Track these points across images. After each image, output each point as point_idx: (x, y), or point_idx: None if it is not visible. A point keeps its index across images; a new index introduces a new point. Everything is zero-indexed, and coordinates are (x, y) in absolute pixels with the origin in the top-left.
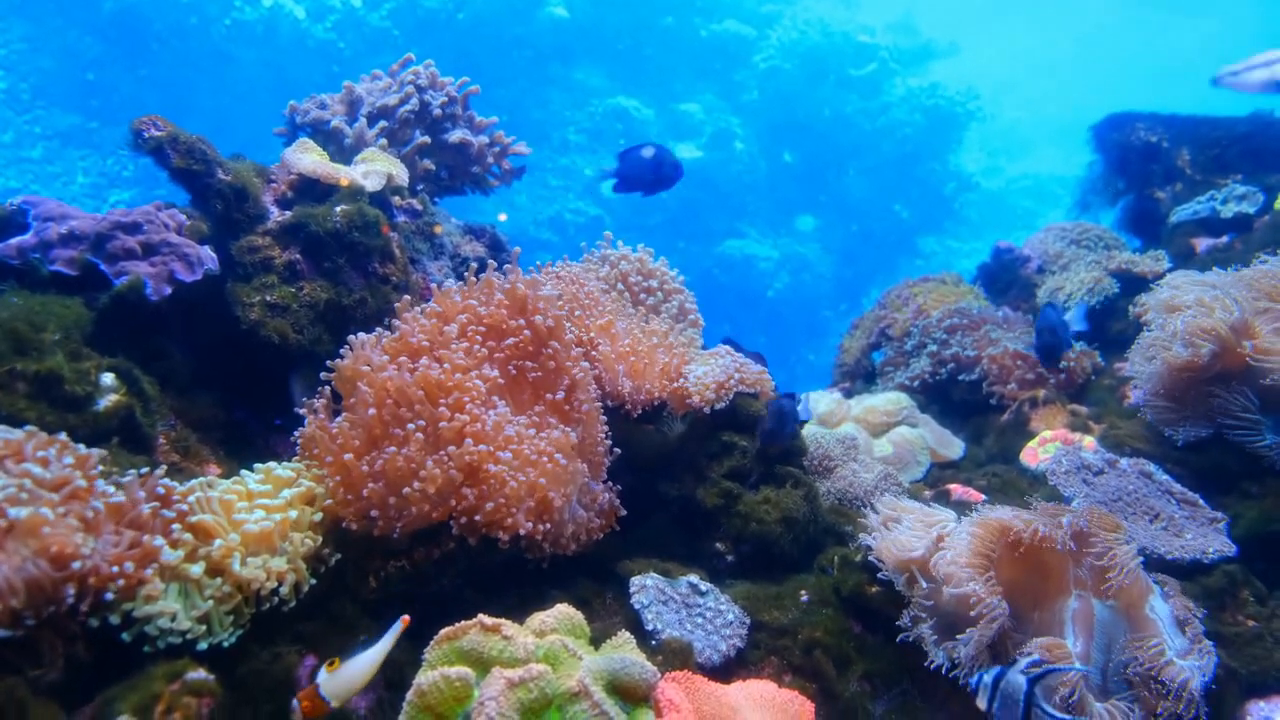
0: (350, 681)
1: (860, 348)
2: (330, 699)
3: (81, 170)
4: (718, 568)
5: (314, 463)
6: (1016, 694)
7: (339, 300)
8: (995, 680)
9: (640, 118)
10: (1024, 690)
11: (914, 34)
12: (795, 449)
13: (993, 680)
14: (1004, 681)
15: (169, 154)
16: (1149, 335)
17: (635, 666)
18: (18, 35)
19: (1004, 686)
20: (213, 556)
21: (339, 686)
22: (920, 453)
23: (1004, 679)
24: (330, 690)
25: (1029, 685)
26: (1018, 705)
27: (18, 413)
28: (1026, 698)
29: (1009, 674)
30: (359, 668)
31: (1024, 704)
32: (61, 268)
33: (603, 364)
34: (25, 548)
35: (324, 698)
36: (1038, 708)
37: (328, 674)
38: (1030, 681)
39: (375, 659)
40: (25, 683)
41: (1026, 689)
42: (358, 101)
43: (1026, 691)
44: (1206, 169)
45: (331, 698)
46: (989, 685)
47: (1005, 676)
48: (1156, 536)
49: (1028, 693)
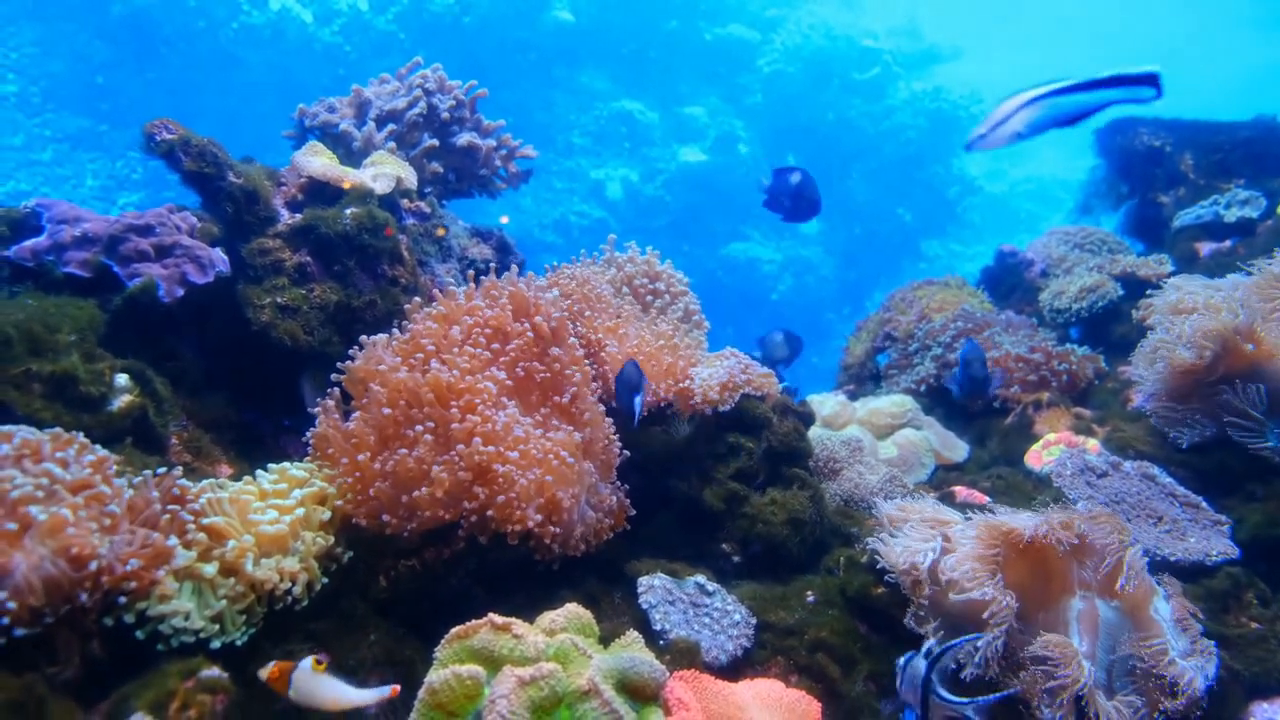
0: (315, 697)
1: (864, 350)
2: (293, 689)
3: (91, 173)
4: (724, 568)
5: (326, 462)
6: (917, 678)
7: (349, 302)
8: (904, 665)
9: (645, 121)
10: (922, 674)
11: (918, 38)
12: (801, 450)
13: (903, 664)
14: (910, 665)
15: (181, 157)
16: (1153, 338)
17: (644, 665)
18: (28, 39)
19: (909, 670)
20: (226, 557)
21: (305, 691)
22: (925, 455)
23: (911, 663)
24: (298, 685)
25: (927, 670)
26: (918, 690)
27: (34, 413)
28: (924, 682)
29: (914, 658)
30: (329, 694)
31: (922, 688)
32: (75, 270)
33: (610, 365)
34: (44, 547)
35: (290, 683)
36: (934, 693)
37: (310, 670)
38: (929, 665)
39: (345, 700)
40: (43, 680)
41: (925, 673)
42: (366, 105)
43: (925, 676)
44: (1210, 173)
45: (294, 690)
46: (900, 668)
47: (912, 660)
48: (1160, 539)
49: (925, 678)
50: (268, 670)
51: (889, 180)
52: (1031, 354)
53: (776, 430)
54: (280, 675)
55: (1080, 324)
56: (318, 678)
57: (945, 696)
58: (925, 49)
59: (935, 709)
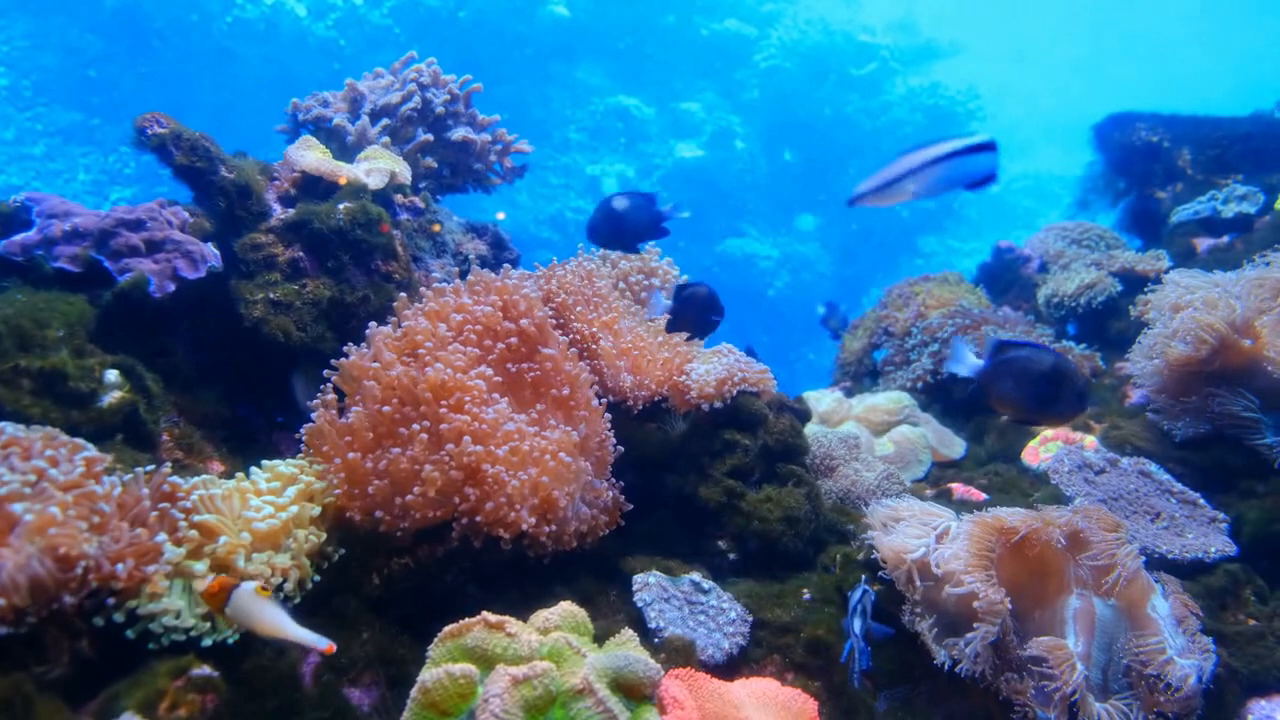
0: (252, 618)
1: (861, 347)
2: (230, 607)
3: (83, 167)
4: (720, 566)
5: (319, 459)
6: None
7: (342, 298)
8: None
9: (641, 116)
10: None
11: (915, 33)
12: (797, 447)
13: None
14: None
15: (172, 151)
16: (1151, 333)
17: (639, 664)
18: (19, 32)
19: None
20: (218, 553)
21: (242, 610)
22: (922, 452)
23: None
24: (236, 603)
25: (851, 612)
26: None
27: (22, 409)
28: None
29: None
30: (267, 618)
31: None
32: (65, 264)
33: (604, 359)
34: (31, 545)
35: (229, 600)
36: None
37: (252, 591)
38: (853, 610)
39: (280, 629)
40: (31, 679)
41: (850, 614)
42: (360, 99)
43: (849, 615)
44: (1207, 169)
45: (231, 607)
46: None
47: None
48: (1158, 536)
49: (849, 616)
50: (206, 584)
51: None
52: None
53: (773, 427)
54: (219, 590)
55: (1078, 320)
56: (259, 600)
57: (851, 627)
58: (922, 44)
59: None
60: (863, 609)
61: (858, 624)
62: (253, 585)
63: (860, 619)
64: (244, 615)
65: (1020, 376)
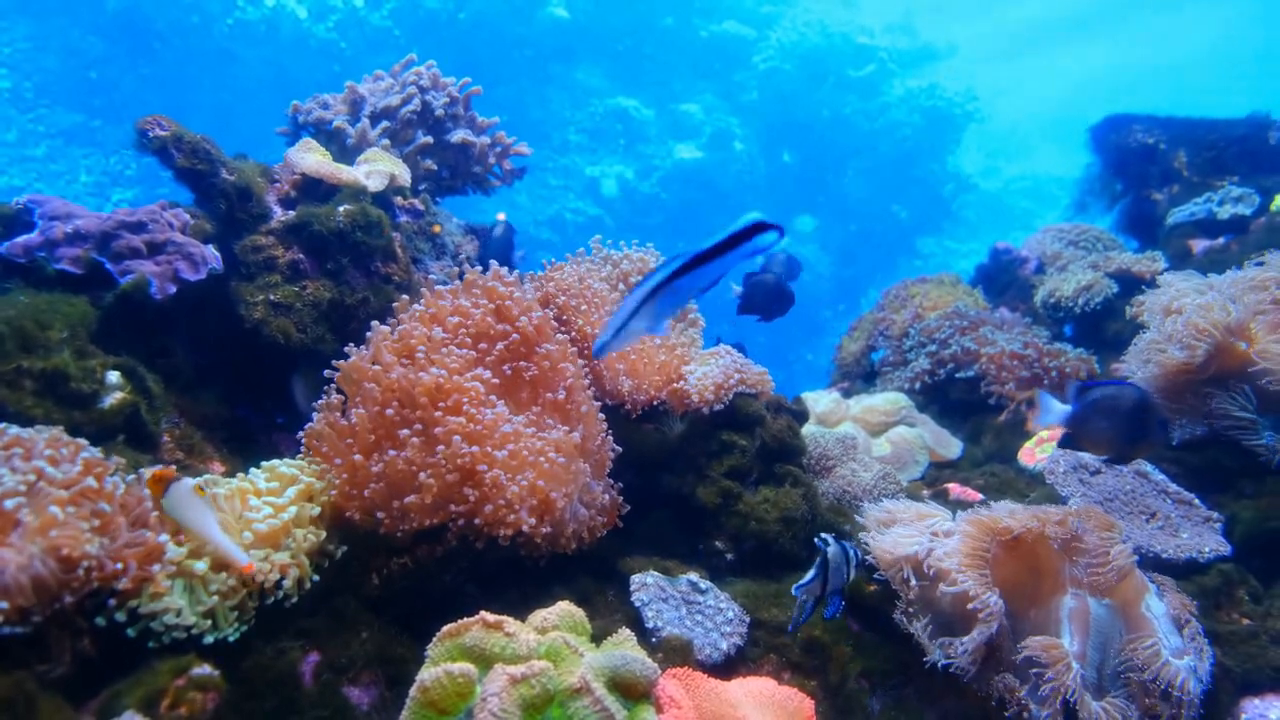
0: (183, 515)
1: (859, 348)
2: (167, 497)
3: (84, 169)
4: (717, 566)
5: (318, 459)
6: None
7: (342, 300)
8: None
9: (640, 118)
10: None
11: (913, 35)
12: (794, 448)
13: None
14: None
15: (173, 153)
16: (1146, 336)
17: (636, 663)
18: (21, 34)
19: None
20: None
21: (176, 505)
22: (919, 452)
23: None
24: (172, 497)
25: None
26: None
27: (24, 410)
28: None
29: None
30: (195, 519)
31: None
32: (67, 266)
33: (603, 362)
34: (34, 545)
35: (166, 492)
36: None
37: (190, 489)
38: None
39: (206, 534)
40: (33, 678)
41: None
42: (360, 102)
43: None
44: (1203, 171)
45: (168, 498)
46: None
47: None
48: (1153, 536)
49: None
50: (151, 471)
51: (884, 177)
52: (1025, 350)
53: (770, 428)
54: (160, 480)
55: (1075, 321)
56: (194, 499)
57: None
58: (921, 46)
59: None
60: (832, 564)
61: (810, 575)
62: (192, 482)
63: (824, 572)
64: (178, 509)
65: (1110, 414)
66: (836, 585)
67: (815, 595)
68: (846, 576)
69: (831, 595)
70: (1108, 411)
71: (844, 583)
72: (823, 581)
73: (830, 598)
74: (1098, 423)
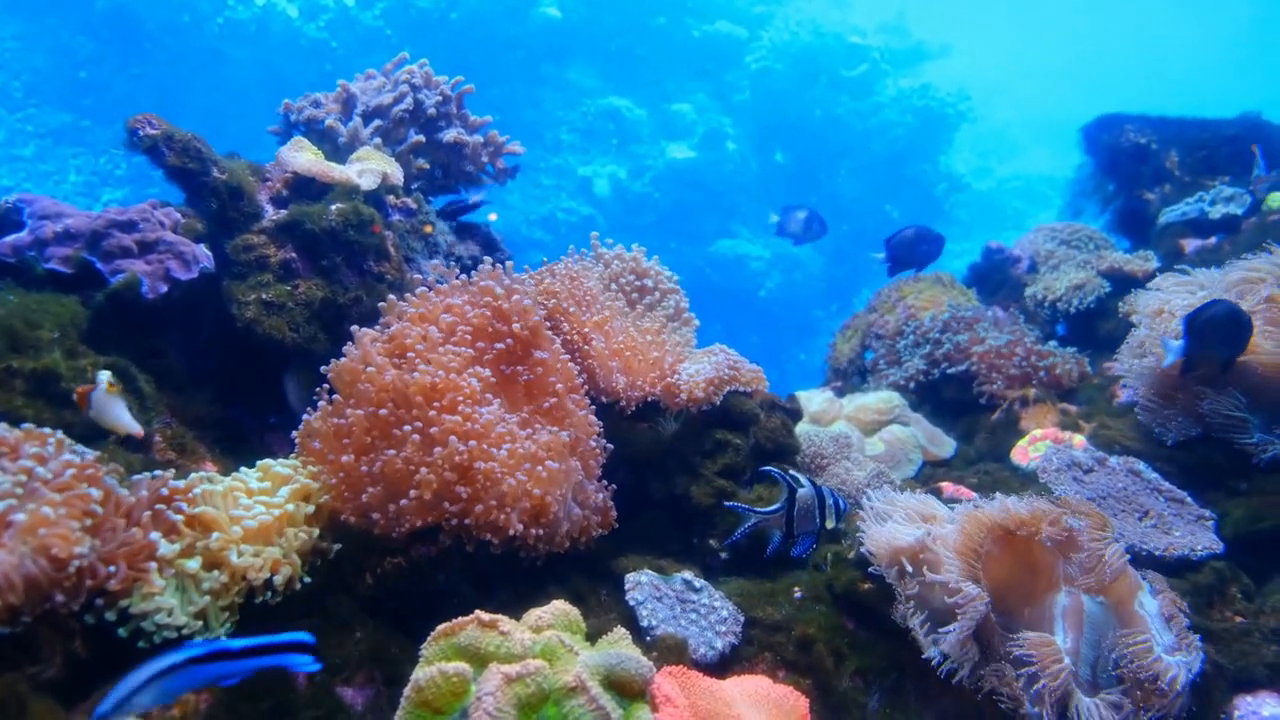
0: (104, 410)
1: (852, 347)
2: (92, 406)
3: (74, 168)
4: (712, 564)
5: (312, 459)
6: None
7: (334, 298)
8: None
9: (632, 118)
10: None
11: (905, 35)
12: (788, 446)
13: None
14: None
15: (164, 152)
16: (1138, 334)
17: (631, 662)
18: (10, 33)
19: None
20: (211, 549)
21: (98, 407)
22: (912, 451)
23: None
24: (94, 402)
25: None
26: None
27: (15, 410)
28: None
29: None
30: (111, 409)
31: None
32: (57, 266)
33: (597, 360)
34: (24, 545)
35: (89, 402)
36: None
37: (105, 390)
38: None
39: (116, 419)
40: (24, 679)
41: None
42: (352, 100)
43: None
44: (1195, 170)
45: (93, 405)
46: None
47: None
48: (1146, 534)
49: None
50: (78, 389)
51: (876, 177)
52: (1015, 349)
53: (764, 426)
54: (83, 395)
55: (1067, 320)
56: (110, 396)
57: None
58: (913, 46)
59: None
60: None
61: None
62: (104, 381)
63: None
64: (100, 409)
65: (1218, 330)
66: (807, 528)
67: (780, 528)
68: (821, 522)
69: (801, 535)
70: (1217, 328)
71: (817, 527)
72: (787, 518)
73: (800, 537)
74: (1213, 340)
